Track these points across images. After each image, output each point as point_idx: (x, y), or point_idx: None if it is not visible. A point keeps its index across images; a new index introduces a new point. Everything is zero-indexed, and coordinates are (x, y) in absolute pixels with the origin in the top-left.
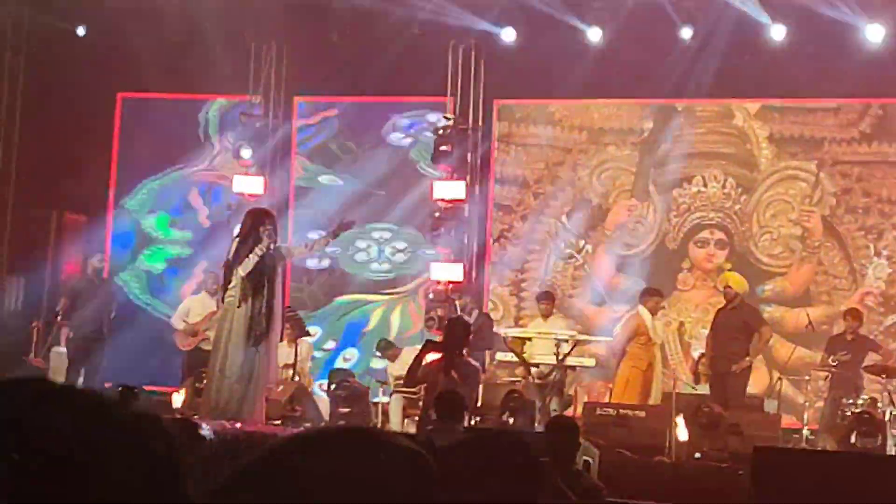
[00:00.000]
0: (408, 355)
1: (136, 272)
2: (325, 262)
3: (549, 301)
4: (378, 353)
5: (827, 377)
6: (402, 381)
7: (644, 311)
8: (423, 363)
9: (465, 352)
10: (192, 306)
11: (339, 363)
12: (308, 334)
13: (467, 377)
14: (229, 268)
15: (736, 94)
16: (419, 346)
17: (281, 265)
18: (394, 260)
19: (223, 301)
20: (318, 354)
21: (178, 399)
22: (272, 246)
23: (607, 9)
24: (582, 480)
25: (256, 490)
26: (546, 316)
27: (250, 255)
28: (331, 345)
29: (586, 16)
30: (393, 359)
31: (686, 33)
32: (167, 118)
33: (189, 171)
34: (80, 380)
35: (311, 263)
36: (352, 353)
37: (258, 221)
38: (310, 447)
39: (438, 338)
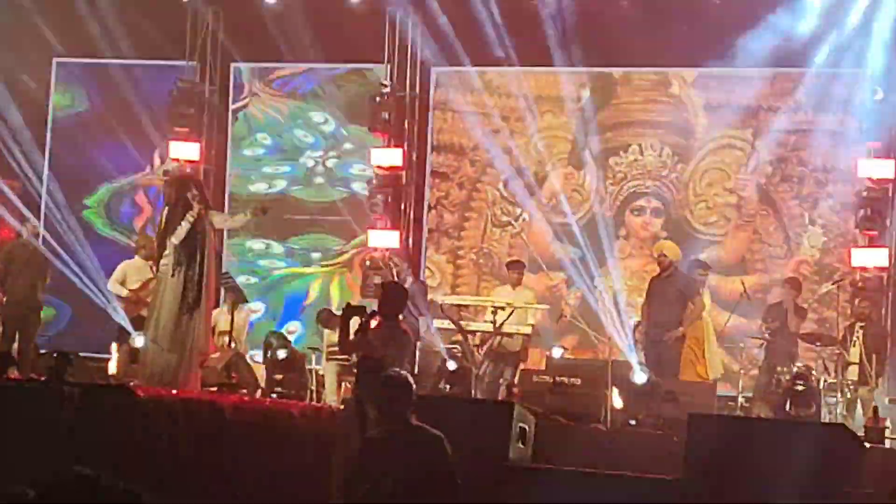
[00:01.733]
0: None
1: None
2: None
3: (518, 269)
4: (319, 324)
5: (762, 345)
6: (335, 348)
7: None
8: (352, 329)
9: (399, 317)
10: (127, 271)
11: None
12: (245, 300)
13: (392, 341)
14: (162, 237)
15: (673, 62)
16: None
17: (213, 230)
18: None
19: (158, 270)
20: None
21: (112, 365)
22: (202, 212)
23: None
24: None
25: None
26: (515, 284)
27: (182, 223)
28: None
29: None
30: (334, 328)
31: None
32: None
33: (140, 177)
34: (15, 345)
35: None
36: (295, 326)
37: (184, 188)
38: None
39: (364, 302)
